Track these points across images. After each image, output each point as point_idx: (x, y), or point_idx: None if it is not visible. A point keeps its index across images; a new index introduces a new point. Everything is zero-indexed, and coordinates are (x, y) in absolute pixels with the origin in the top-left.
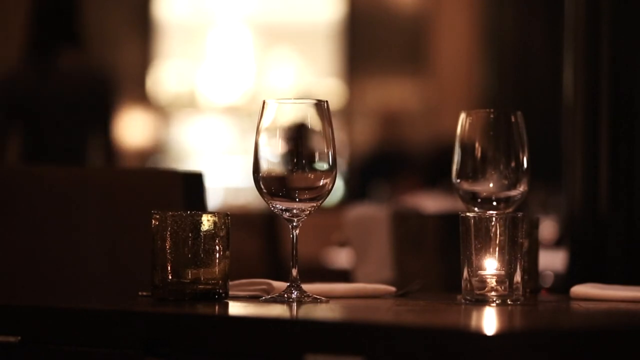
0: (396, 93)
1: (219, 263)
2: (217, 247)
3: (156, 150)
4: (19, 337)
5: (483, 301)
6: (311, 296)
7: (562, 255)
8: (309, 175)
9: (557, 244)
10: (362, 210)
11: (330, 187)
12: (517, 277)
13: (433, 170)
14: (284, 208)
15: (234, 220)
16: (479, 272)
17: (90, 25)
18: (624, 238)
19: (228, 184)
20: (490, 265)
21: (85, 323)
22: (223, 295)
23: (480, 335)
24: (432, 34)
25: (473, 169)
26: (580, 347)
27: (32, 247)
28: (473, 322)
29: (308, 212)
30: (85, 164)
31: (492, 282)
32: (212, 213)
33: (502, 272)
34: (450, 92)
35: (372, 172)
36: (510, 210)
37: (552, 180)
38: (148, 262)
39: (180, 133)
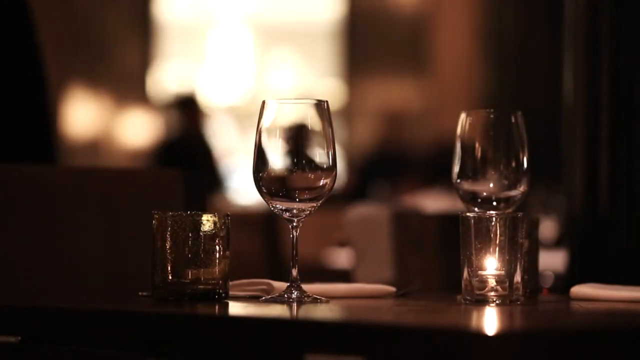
0: (396, 93)
1: (219, 263)
2: (217, 247)
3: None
4: (19, 337)
5: (483, 301)
6: (311, 296)
7: (562, 255)
8: (309, 175)
9: (557, 244)
10: (362, 210)
11: (330, 187)
12: (517, 277)
13: (433, 170)
14: (284, 208)
15: (234, 220)
16: (479, 272)
17: (91, 25)
18: (624, 238)
19: (228, 184)
20: (491, 265)
21: (85, 323)
22: (223, 295)
23: (480, 335)
24: (432, 34)
25: (473, 169)
26: (580, 347)
27: (31, 247)
28: (473, 322)
29: (308, 212)
30: None
31: (492, 282)
32: (212, 213)
33: (502, 272)
34: (450, 92)
35: (372, 172)
36: (510, 210)
37: (552, 180)
38: (148, 262)
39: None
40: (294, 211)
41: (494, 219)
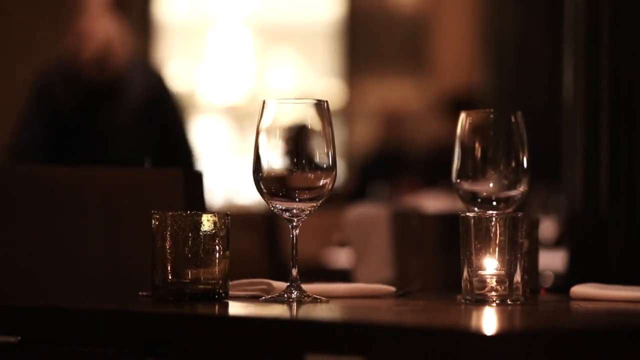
0: (396, 93)
1: (219, 263)
2: (217, 247)
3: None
4: (19, 337)
5: (483, 301)
6: (311, 296)
7: (562, 255)
8: (309, 175)
9: (557, 244)
10: (362, 210)
11: (330, 187)
12: (517, 277)
13: (433, 170)
14: (284, 208)
15: (234, 220)
16: (479, 272)
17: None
18: (624, 238)
19: (228, 184)
20: (490, 265)
21: (85, 323)
22: (223, 295)
23: (480, 335)
24: (432, 34)
25: (473, 169)
26: (580, 347)
27: (32, 247)
28: (473, 322)
29: (308, 212)
30: None
31: (492, 282)
32: (212, 213)
33: (502, 272)
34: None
35: (372, 172)
36: (510, 210)
37: (552, 180)
38: (148, 262)
39: None
40: (294, 211)
41: (494, 219)
